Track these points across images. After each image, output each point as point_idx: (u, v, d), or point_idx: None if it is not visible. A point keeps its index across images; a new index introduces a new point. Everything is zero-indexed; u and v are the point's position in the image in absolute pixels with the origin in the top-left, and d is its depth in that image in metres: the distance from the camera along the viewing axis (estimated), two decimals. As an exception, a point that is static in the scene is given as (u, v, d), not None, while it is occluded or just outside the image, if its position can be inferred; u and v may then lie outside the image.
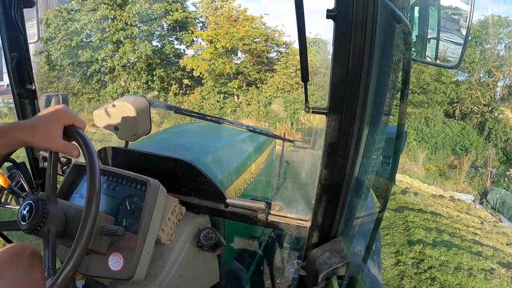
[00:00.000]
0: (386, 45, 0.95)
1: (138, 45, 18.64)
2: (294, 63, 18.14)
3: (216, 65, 18.47)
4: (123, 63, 18.83)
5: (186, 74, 19.80)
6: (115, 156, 1.48)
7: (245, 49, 19.02)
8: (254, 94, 19.17)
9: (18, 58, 1.57)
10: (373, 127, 1.05)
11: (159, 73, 19.44)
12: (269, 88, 19.05)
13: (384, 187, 1.32)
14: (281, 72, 18.77)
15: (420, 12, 1.57)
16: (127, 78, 19.34)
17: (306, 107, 1.01)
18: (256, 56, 19.56)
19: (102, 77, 19.31)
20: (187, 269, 1.31)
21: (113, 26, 18.23)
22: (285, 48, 19.98)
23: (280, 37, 19.60)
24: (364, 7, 0.82)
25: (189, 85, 20.36)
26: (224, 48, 18.41)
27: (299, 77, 17.35)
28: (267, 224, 1.29)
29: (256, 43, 18.80)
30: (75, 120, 1.02)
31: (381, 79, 0.97)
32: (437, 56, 1.61)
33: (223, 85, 19.69)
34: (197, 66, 18.72)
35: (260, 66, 19.80)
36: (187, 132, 2.49)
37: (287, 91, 18.97)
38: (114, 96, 18.69)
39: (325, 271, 1.11)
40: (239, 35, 18.09)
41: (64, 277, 0.82)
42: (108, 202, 1.25)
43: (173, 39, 20.54)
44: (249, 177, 2.03)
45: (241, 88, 19.77)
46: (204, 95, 19.63)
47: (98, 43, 18.47)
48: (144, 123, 1.37)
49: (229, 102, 19.62)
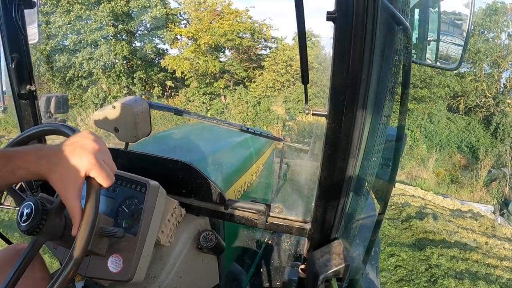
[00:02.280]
0: (386, 47, 0.95)
1: (115, 45, 17.47)
2: (284, 59, 17.11)
3: (199, 64, 17.34)
4: (100, 66, 17.64)
5: (169, 75, 18.71)
6: (115, 158, 1.46)
7: (229, 46, 17.81)
8: (242, 93, 18.00)
9: (18, 59, 1.57)
10: (373, 129, 1.05)
11: (139, 75, 18.30)
12: (258, 87, 17.96)
13: (384, 189, 1.32)
14: (270, 69, 17.61)
15: (420, 14, 1.57)
16: (106, 81, 18.18)
17: (306, 109, 1.01)
18: (243, 53, 18.43)
19: (82, 81, 18.36)
20: (187, 271, 1.31)
21: (88, 27, 17.29)
22: (273, 42, 18.79)
23: (268, 31, 18.38)
24: (364, 9, 0.82)
25: (173, 87, 19.34)
26: (208, 45, 17.21)
27: (289, 73, 16.93)
28: (267, 226, 1.28)
29: (241, 38, 17.51)
30: (101, 174, 0.86)
31: (381, 81, 0.97)
32: (437, 58, 1.62)
33: (209, 85, 18.48)
34: (179, 66, 17.52)
35: (247, 64, 18.62)
36: (187, 134, 2.49)
37: (277, 89, 18.03)
38: (96, 101, 17.84)
39: (325, 273, 1.11)
40: (221, 30, 16.73)
41: (63, 278, 0.81)
42: (108, 204, 1.25)
43: (153, 38, 19.33)
44: (249, 179, 2.03)
45: (228, 88, 18.63)
46: (188, 97, 18.49)
47: (72, 46, 17.40)
48: (144, 125, 1.37)
49: (216, 103, 18.42)
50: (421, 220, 6.69)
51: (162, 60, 18.38)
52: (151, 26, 19.06)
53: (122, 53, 17.38)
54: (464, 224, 7.15)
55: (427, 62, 1.66)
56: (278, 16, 36.10)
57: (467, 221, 7.39)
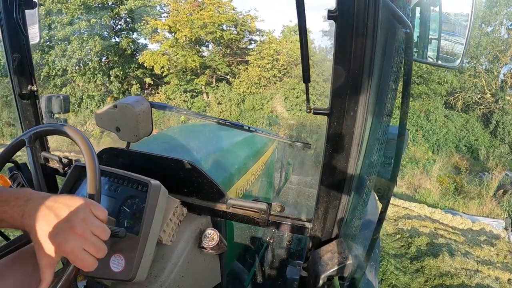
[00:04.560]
0: (387, 46, 0.95)
1: (87, 41, 16.12)
2: (270, 53, 15.90)
3: (178, 59, 16.03)
4: (73, 63, 16.40)
5: (148, 72, 17.31)
6: (117, 157, 1.48)
7: (210, 39, 16.36)
8: (225, 90, 16.69)
9: (19, 59, 1.57)
10: (375, 128, 1.05)
11: (115, 72, 16.90)
12: (242, 83, 16.53)
13: (386, 188, 1.32)
14: (255, 63, 16.26)
15: (422, 13, 1.57)
16: (81, 79, 16.95)
17: (308, 108, 1.01)
18: (226, 47, 17.07)
19: (57, 80, 17.23)
20: (189, 270, 1.31)
21: (58, 21, 16.11)
22: (259, 35, 17.48)
23: (252, 22, 16.78)
24: (366, 8, 0.82)
25: (152, 84, 17.96)
26: (188, 39, 15.86)
27: (276, 68, 16.13)
28: (268, 225, 1.29)
29: (222, 30, 16.05)
30: (80, 263, 0.80)
31: (382, 79, 0.97)
32: (438, 56, 1.62)
33: (189, 82, 17.05)
34: (156, 62, 16.12)
35: (230, 58, 17.19)
36: (188, 133, 2.50)
37: (262, 86, 16.66)
38: (73, 101, 16.77)
39: (327, 272, 1.11)
40: (201, 22, 15.31)
41: (66, 278, 0.82)
42: (109, 203, 1.25)
43: (130, 32, 17.87)
44: (251, 178, 2.04)
45: (210, 85, 17.22)
46: (168, 95, 17.21)
47: (44, 43, 16.35)
48: (146, 124, 1.37)
49: (198, 101, 17.12)
50: (435, 258, 5.51)
51: (140, 56, 16.88)
52: (126, 19, 17.80)
53: (95, 49, 16.08)
54: (482, 255, 6.22)
55: (428, 60, 1.66)
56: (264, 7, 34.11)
57: (485, 251, 6.43)
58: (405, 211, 7.84)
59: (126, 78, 17.64)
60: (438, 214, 8.19)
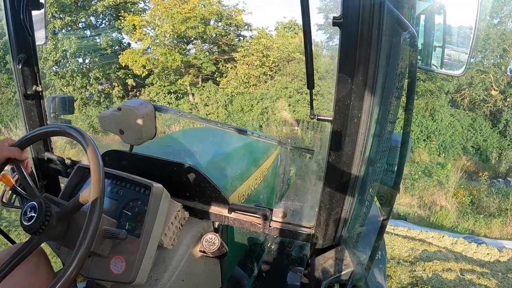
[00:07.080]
0: (391, 53, 0.95)
1: (62, 41, 14.94)
2: (259, 48, 14.85)
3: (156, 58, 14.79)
4: (49, 65, 15.33)
5: (130, 72, 16.01)
6: (120, 160, 1.48)
7: (192, 35, 14.89)
8: (212, 91, 15.45)
9: (25, 59, 1.58)
10: (378, 135, 1.04)
11: (95, 74, 15.69)
12: (229, 83, 15.41)
13: (389, 195, 1.31)
14: (243, 60, 15.07)
15: (426, 21, 1.57)
16: (59, 83, 15.82)
17: (312, 114, 1.01)
18: (211, 43, 15.87)
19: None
20: (189, 274, 1.31)
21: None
22: (247, 30, 16.23)
23: (239, 15, 15.44)
24: (370, 15, 0.82)
25: (135, 86, 16.70)
26: (169, 35, 14.76)
27: (266, 66, 15.18)
28: (270, 230, 1.28)
29: (205, 25, 14.72)
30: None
31: (386, 86, 0.97)
32: (442, 64, 1.62)
33: (173, 83, 15.81)
34: (135, 61, 14.89)
35: (217, 56, 15.93)
36: (191, 137, 2.50)
37: (252, 85, 15.45)
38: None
39: (328, 279, 1.10)
40: (181, 16, 13.99)
41: (66, 279, 0.82)
42: (112, 205, 1.25)
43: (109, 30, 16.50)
44: (254, 183, 2.03)
45: (195, 85, 15.93)
46: (152, 97, 15.96)
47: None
48: (149, 128, 1.38)
49: (183, 103, 15.92)
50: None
51: (120, 56, 15.49)
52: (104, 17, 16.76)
53: (71, 50, 14.86)
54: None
55: (432, 68, 1.66)
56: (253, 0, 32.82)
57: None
58: (423, 247, 6.48)
59: (107, 79, 16.53)
60: (460, 244, 6.82)
